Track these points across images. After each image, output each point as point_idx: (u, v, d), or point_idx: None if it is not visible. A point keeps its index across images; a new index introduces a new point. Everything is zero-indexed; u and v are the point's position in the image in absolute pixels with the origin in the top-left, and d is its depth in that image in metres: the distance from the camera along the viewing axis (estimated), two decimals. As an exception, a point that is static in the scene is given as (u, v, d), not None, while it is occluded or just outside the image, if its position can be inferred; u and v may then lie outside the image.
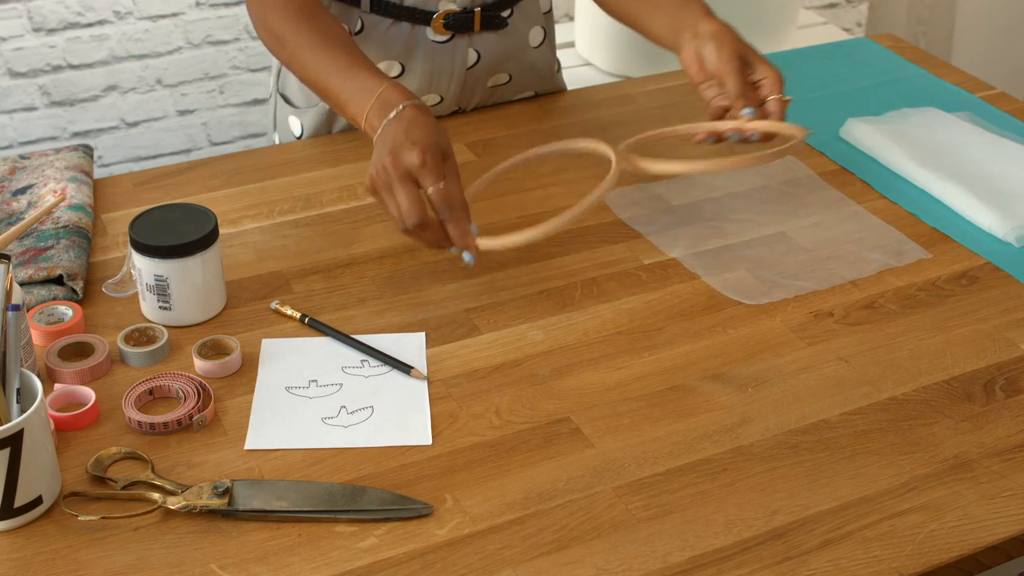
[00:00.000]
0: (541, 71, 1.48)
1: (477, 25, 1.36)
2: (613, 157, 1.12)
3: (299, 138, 1.43)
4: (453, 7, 1.34)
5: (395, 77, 1.37)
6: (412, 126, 1.05)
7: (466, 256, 1.05)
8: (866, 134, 1.38)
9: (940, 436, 0.95)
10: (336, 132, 1.41)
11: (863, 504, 0.88)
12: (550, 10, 1.46)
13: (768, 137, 1.19)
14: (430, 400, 0.99)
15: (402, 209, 1.03)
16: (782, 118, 1.18)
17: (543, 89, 1.51)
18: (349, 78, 1.13)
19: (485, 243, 1.05)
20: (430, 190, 1.03)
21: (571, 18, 2.90)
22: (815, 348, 1.05)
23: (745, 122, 1.17)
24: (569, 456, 0.93)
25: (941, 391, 1.00)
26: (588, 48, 2.48)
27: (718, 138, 1.20)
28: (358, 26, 1.34)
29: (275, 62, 1.44)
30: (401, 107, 1.07)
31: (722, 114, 1.21)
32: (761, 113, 1.19)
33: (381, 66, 1.35)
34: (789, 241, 1.20)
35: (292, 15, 1.19)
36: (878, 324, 1.09)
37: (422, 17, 1.33)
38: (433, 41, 1.35)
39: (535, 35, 1.43)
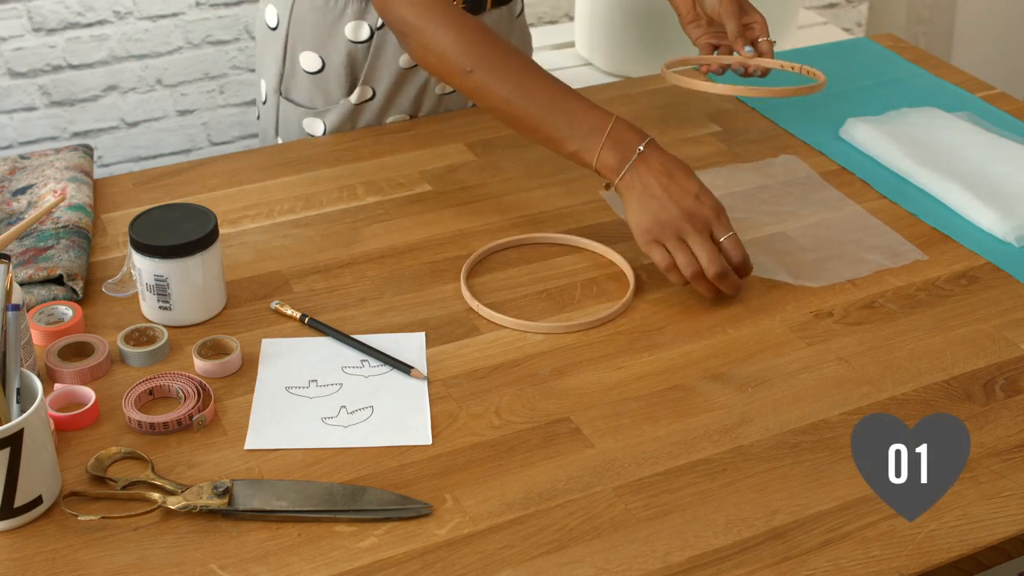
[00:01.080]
0: (525, 42, 1.53)
1: (489, 4, 1.40)
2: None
3: (322, 136, 1.42)
4: None
5: (416, 65, 1.37)
6: (676, 172, 1.10)
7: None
8: (866, 134, 1.38)
9: (940, 436, 0.95)
10: (360, 128, 1.42)
11: (863, 504, 0.88)
12: None
13: (765, 72, 1.31)
14: (430, 400, 0.99)
15: (703, 259, 1.07)
16: (771, 56, 1.30)
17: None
18: (565, 115, 1.12)
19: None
20: (723, 239, 1.09)
21: (571, 18, 2.90)
22: (815, 348, 1.05)
23: (749, 58, 1.30)
24: (569, 456, 0.93)
25: (941, 391, 1.00)
26: (588, 48, 2.48)
27: (722, 70, 1.34)
28: (379, 21, 1.34)
29: (271, 67, 1.43)
30: (641, 149, 1.10)
31: (710, 51, 1.34)
32: (756, 51, 1.30)
33: (405, 58, 1.37)
34: (790, 241, 1.20)
35: (468, 39, 1.14)
36: (878, 324, 1.09)
37: None
38: None
39: (515, 6, 1.48)
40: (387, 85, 1.39)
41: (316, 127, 1.42)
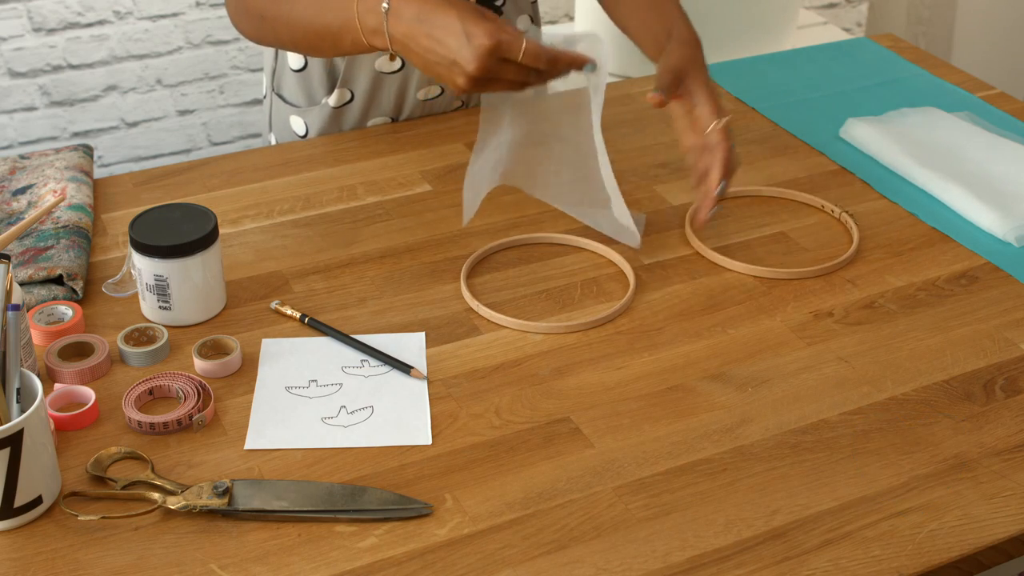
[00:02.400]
0: None
1: None
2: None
3: (303, 137, 1.43)
4: None
5: (395, 72, 1.37)
6: (431, 16, 1.02)
7: (588, 67, 1.06)
8: (866, 134, 1.38)
9: (940, 436, 0.95)
10: (346, 131, 1.42)
11: (863, 504, 0.88)
12: (536, 1, 1.47)
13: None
14: (430, 400, 0.99)
15: (520, 84, 1.04)
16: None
17: None
18: (332, 9, 1.09)
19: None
20: (521, 56, 1.02)
21: (571, 18, 2.90)
22: (815, 348, 1.05)
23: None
24: (569, 456, 0.93)
25: (941, 391, 1.00)
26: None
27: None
28: None
29: (268, 61, 1.44)
30: (386, 6, 1.04)
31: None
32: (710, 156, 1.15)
33: (381, 61, 1.36)
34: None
35: None
36: (878, 324, 1.09)
37: None
38: None
39: (522, 24, 1.45)
40: (365, 88, 1.39)
41: (300, 126, 1.43)
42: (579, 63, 1.07)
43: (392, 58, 1.09)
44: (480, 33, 1.01)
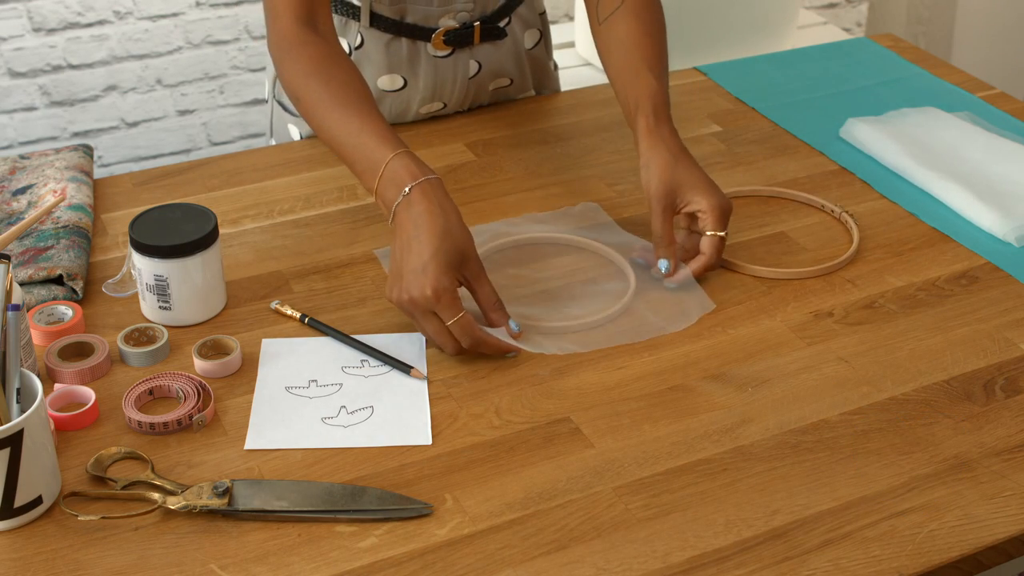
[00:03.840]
0: (540, 71, 1.49)
1: (477, 39, 1.36)
2: (632, 283, 1.11)
3: None
4: (453, 24, 1.34)
5: (398, 89, 1.37)
6: (420, 232, 1.00)
7: (510, 355, 1.04)
8: (866, 134, 1.38)
9: (940, 436, 0.95)
10: None
11: (863, 504, 0.88)
12: (544, 12, 1.46)
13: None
14: (430, 400, 0.99)
15: (437, 342, 1.01)
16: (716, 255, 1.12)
17: (545, 87, 1.51)
18: (359, 146, 1.06)
19: (526, 346, 1.03)
20: (448, 323, 0.99)
21: (571, 18, 2.90)
22: (815, 348, 1.05)
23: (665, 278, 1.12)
24: (569, 456, 0.93)
25: (941, 391, 1.00)
26: (588, 48, 2.48)
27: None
28: (358, 41, 1.33)
29: (270, 65, 1.44)
30: (407, 190, 1.01)
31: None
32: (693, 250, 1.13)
33: (384, 79, 1.35)
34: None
35: (306, 71, 1.11)
36: (878, 324, 1.09)
37: (422, 34, 1.33)
38: (434, 56, 1.35)
39: (530, 37, 1.44)
40: None
41: (296, 134, 1.43)
42: (503, 351, 1.03)
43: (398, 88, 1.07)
44: (430, 281, 0.99)
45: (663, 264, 1.12)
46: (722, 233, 1.11)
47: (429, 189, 1.02)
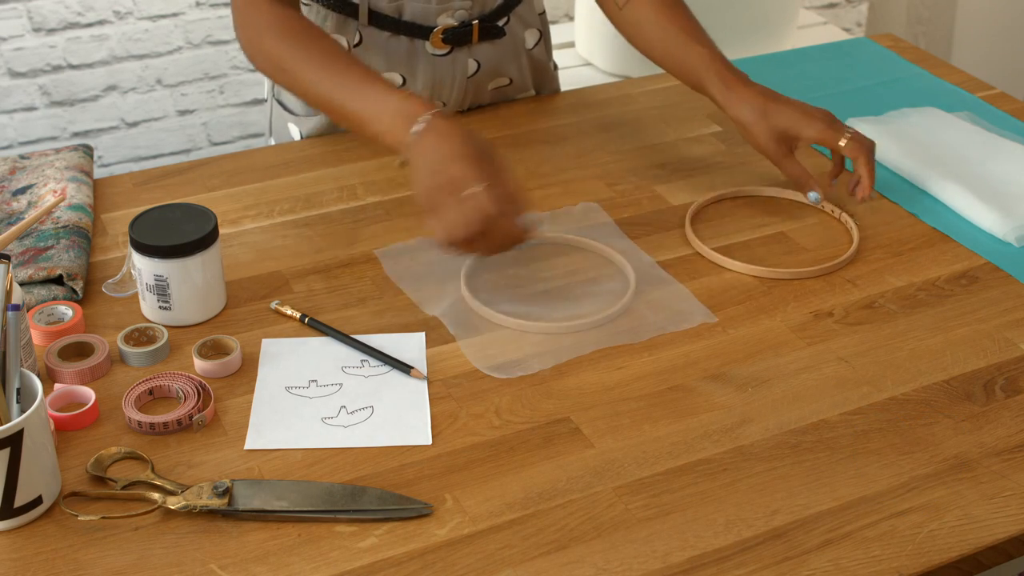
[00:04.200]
0: (540, 71, 1.49)
1: (475, 37, 1.36)
2: (632, 283, 1.11)
3: None
4: (451, 22, 1.34)
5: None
6: (448, 139, 1.03)
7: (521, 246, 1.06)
8: (866, 134, 1.37)
9: (940, 436, 0.95)
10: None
11: (863, 504, 0.88)
12: (544, 12, 1.46)
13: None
14: (430, 400, 0.99)
15: (457, 231, 1.01)
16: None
17: (544, 87, 1.51)
18: (362, 96, 1.09)
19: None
20: (484, 187, 1.00)
21: (571, 18, 2.90)
22: (815, 348, 1.05)
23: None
24: (569, 456, 0.93)
25: (941, 391, 1.00)
26: (588, 48, 2.48)
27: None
28: (356, 38, 1.33)
29: None
30: (428, 116, 1.05)
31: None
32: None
33: (386, 76, 1.35)
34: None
35: (288, 35, 1.14)
36: (878, 324, 1.09)
37: (420, 32, 1.33)
38: (432, 54, 1.35)
39: (530, 37, 1.44)
40: None
41: (297, 134, 1.43)
42: (517, 238, 1.05)
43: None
44: (470, 153, 1.02)
45: (812, 196, 1.21)
46: (848, 135, 1.19)
47: (445, 116, 1.06)
